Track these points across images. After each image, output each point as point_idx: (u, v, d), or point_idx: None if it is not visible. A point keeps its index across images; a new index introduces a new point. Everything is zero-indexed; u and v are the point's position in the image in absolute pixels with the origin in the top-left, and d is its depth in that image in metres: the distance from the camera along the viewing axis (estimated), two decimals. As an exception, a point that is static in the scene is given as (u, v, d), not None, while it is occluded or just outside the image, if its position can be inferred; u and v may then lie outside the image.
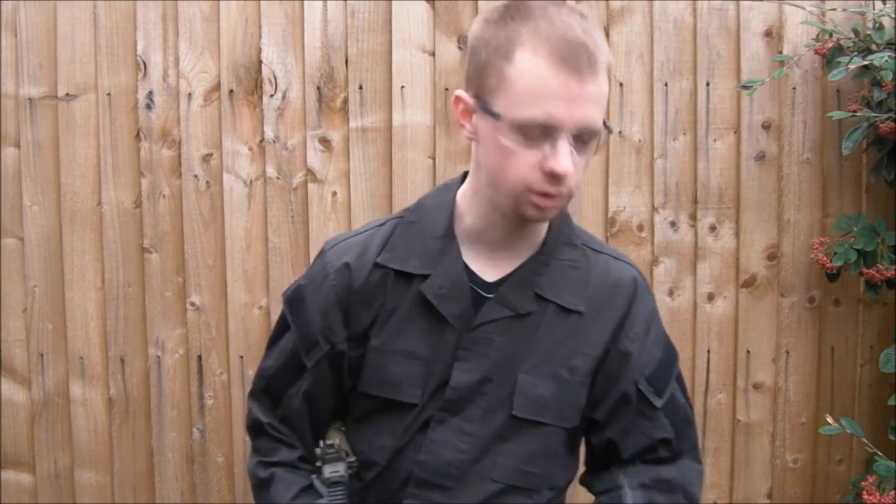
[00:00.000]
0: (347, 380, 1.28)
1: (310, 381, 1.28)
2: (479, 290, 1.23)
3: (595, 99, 1.09)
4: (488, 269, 1.24)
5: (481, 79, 1.13)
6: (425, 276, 1.22)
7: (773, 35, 2.17)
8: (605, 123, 1.13)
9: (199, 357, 2.17)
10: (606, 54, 1.11)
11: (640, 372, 1.28)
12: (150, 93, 2.10)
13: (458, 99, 1.18)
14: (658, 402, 1.29)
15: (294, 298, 1.31)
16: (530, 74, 1.07)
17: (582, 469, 1.43)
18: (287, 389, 1.30)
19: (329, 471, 1.26)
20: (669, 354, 1.34)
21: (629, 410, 1.29)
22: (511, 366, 1.23)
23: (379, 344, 1.23)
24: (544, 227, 1.27)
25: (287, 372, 1.30)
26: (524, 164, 1.10)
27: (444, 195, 1.28)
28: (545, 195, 1.11)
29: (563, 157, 1.08)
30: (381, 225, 1.29)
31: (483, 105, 1.12)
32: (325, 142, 2.13)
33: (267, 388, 1.33)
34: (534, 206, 1.13)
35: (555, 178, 1.10)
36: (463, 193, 1.26)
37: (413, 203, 1.31)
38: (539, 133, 1.08)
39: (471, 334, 1.22)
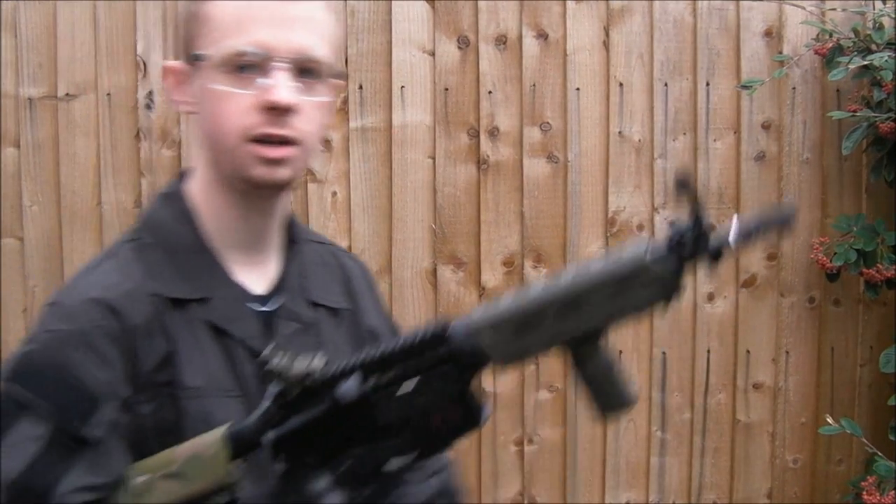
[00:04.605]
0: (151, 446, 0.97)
1: (91, 460, 0.93)
2: (253, 306, 1.05)
3: (310, 23, 0.98)
4: (252, 279, 1.07)
5: (186, 33, 1.00)
6: (201, 300, 1.01)
7: (773, 35, 2.17)
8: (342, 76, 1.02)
9: (199, 357, 2.16)
10: None
11: None
12: (150, 93, 2.10)
13: (167, 71, 1.04)
14: None
15: (29, 369, 0.95)
16: (229, 3, 0.96)
17: None
18: (54, 485, 0.91)
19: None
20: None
21: None
22: None
23: (192, 388, 0.98)
24: (285, 215, 1.13)
25: (46, 464, 0.92)
26: (238, 106, 0.95)
27: (171, 204, 1.07)
28: (269, 142, 0.96)
29: (282, 87, 0.94)
30: (113, 256, 1.04)
31: (190, 57, 0.99)
32: (324, 142, 2.13)
33: (13, 501, 0.91)
34: (259, 161, 0.97)
35: (276, 114, 0.95)
36: (194, 193, 1.06)
37: (136, 224, 1.09)
38: (250, 68, 0.95)
39: None
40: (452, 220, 2.14)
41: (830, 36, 2.09)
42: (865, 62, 1.99)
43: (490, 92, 2.14)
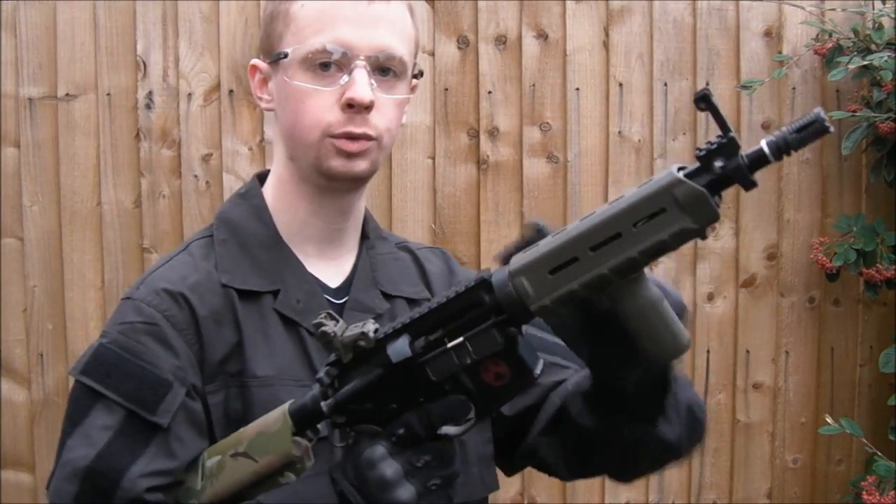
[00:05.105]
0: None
1: (161, 446, 0.95)
2: (329, 298, 1.07)
3: (390, 22, 1.01)
4: (327, 273, 1.09)
5: (270, 32, 1.04)
6: (274, 293, 1.04)
7: (772, 35, 2.18)
8: (417, 75, 1.06)
9: (199, 357, 2.16)
10: None
11: None
12: (150, 93, 2.10)
13: (253, 68, 1.09)
14: None
15: (101, 362, 0.98)
16: (312, 3, 1.00)
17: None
18: (125, 471, 0.93)
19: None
20: None
21: None
22: None
23: (262, 377, 1.00)
24: (361, 215, 1.13)
25: (117, 450, 0.94)
26: (320, 103, 0.99)
27: (247, 201, 1.10)
28: (348, 137, 0.99)
29: (362, 85, 0.98)
30: (184, 250, 1.08)
31: (273, 56, 1.03)
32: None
33: (86, 487, 0.94)
34: (338, 153, 1.00)
35: (356, 111, 0.98)
36: (269, 190, 1.10)
37: (212, 222, 1.11)
38: (333, 66, 0.99)
39: None
40: (452, 220, 2.14)
41: (830, 36, 2.09)
42: (865, 62, 2.00)
43: (490, 92, 2.14)
